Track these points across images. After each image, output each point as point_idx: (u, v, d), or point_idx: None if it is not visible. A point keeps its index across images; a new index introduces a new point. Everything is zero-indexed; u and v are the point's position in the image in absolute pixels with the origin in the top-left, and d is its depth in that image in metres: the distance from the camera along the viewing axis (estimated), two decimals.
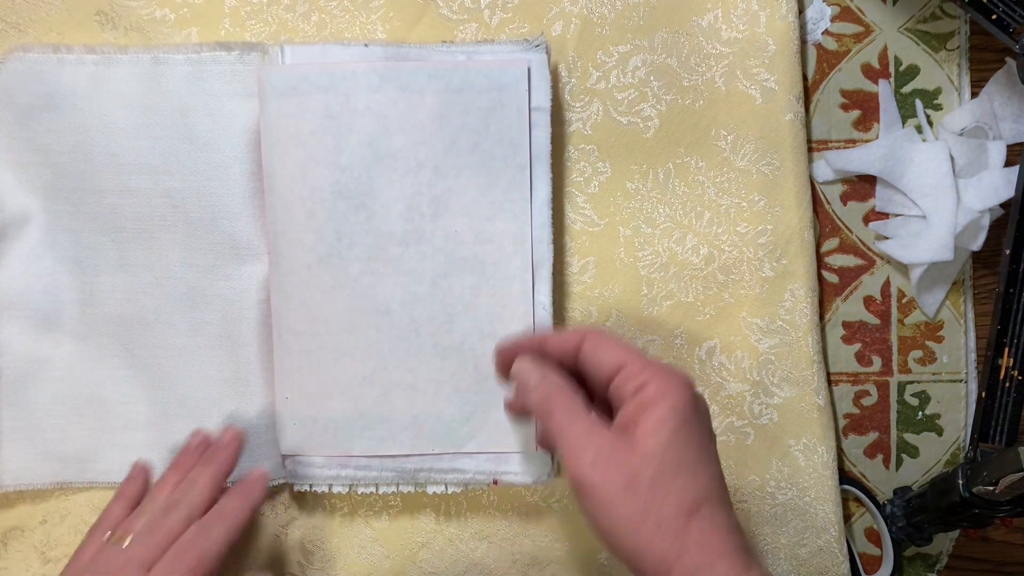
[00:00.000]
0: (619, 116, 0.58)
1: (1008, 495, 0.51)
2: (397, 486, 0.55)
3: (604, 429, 0.42)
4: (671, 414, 0.41)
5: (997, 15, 0.53)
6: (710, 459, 0.42)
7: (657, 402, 0.41)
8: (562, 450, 0.42)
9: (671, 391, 0.42)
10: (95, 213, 0.56)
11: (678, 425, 0.41)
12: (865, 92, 0.60)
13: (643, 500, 0.40)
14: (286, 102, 0.54)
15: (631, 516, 0.39)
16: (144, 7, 0.57)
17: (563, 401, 0.43)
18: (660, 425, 0.41)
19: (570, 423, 0.42)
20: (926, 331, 0.60)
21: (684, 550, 0.39)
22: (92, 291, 0.56)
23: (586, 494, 0.40)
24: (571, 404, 0.43)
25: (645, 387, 0.42)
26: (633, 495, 0.40)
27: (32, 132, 0.55)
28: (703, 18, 0.58)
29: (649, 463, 0.40)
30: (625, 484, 0.40)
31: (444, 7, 0.57)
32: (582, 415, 0.43)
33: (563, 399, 0.44)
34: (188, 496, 0.48)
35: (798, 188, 0.58)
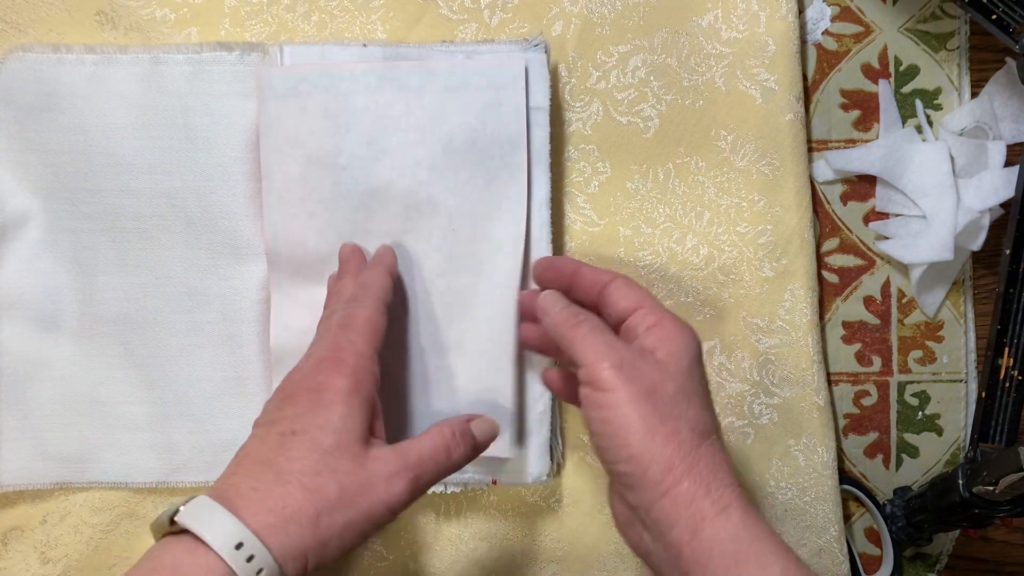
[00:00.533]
0: (619, 116, 0.58)
1: (1008, 495, 0.51)
2: None
3: (630, 346, 0.43)
4: (688, 345, 0.43)
5: (997, 15, 0.53)
6: (711, 402, 0.44)
7: (674, 336, 0.43)
8: (583, 354, 0.42)
9: (684, 329, 0.44)
10: (95, 213, 0.56)
11: (693, 360, 0.43)
12: (865, 92, 0.60)
13: (662, 409, 0.41)
14: (286, 102, 0.54)
15: (648, 419, 0.40)
16: (144, 7, 0.57)
17: (590, 321, 0.44)
18: (681, 352, 0.43)
19: (596, 334, 0.43)
20: (926, 331, 0.60)
21: (695, 465, 0.40)
22: (92, 291, 0.56)
23: (603, 392, 0.41)
24: (598, 324, 0.44)
25: (661, 323, 0.44)
26: (653, 402, 0.41)
27: (32, 132, 0.55)
28: (703, 18, 0.58)
29: (671, 380, 0.42)
30: (646, 391, 0.41)
31: (444, 7, 0.57)
32: (607, 332, 0.44)
33: (589, 317, 0.45)
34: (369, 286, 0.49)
35: (798, 188, 0.58)
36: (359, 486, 0.41)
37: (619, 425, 0.40)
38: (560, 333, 0.45)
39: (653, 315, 0.44)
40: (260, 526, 0.39)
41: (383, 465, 0.42)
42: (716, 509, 0.39)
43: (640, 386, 0.41)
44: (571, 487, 0.57)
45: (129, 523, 0.56)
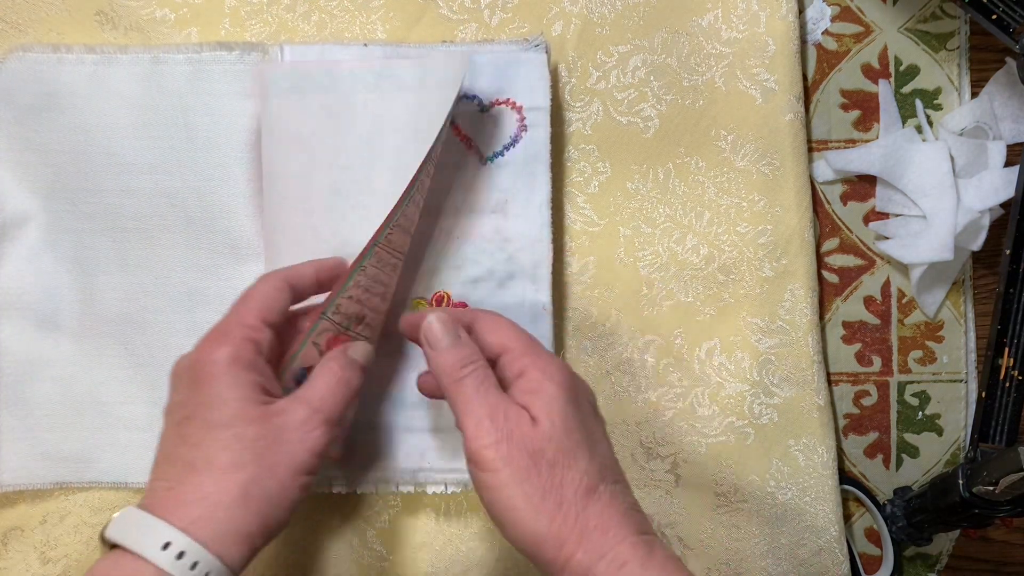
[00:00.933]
0: (619, 116, 0.58)
1: (1008, 495, 0.51)
2: (397, 486, 0.55)
3: (512, 406, 0.41)
4: (557, 394, 0.41)
5: (997, 15, 0.53)
6: (601, 438, 0.43)
7: (542, 387, 0.42)
8: (464, 421, 0.41)
9: (551, 373, 0.42)
10: (95, 213, 0.56)
11: (566, 406, 0.41)
12: (865, 92, 0.60)
13: (543, 481, 0.40)
14: (287, 100, 0.54)
15: (531, 498, 0.39)
16: (144, 7, 0.57)
17: (477, 371, 0.42)
18: (550, 406, 0.41)
19: (478, 398, 0.41)
20: (926, 331, 0.60)
21: (584, 533, 0.39)
22: (92, 291, 0.56)
23: (486, 472, 0.40)
24: (484, 375, 0.42)
25: (526, 372, 0.42)
26: (535, 477, 0.40)
27: (32, 132, 0.55)
28: (703, 18, 0.58)
29: (548, 443, 0.40)
30: (526, 466, 0.40)
31: (444, 7, 0.57)
32: (492, 391, 0.42)
33: (477, 369, 0.43)
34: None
35: (798, 188, 0.58)
36: (273, 444, 0.41)
37: (504, 506, 0.40)
38: (443, 384, 0.43)
39: (517, 361, 0.43)
40: (186, 522, 0.39)
41: (289, 416, 0.42)
42: (612, 571, 0.39)
43: (520, 462, 0.40)
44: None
45: None
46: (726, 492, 0.57)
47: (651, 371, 0.57)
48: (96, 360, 0.56)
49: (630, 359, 0.58)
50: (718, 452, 0.57)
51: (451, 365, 0.43)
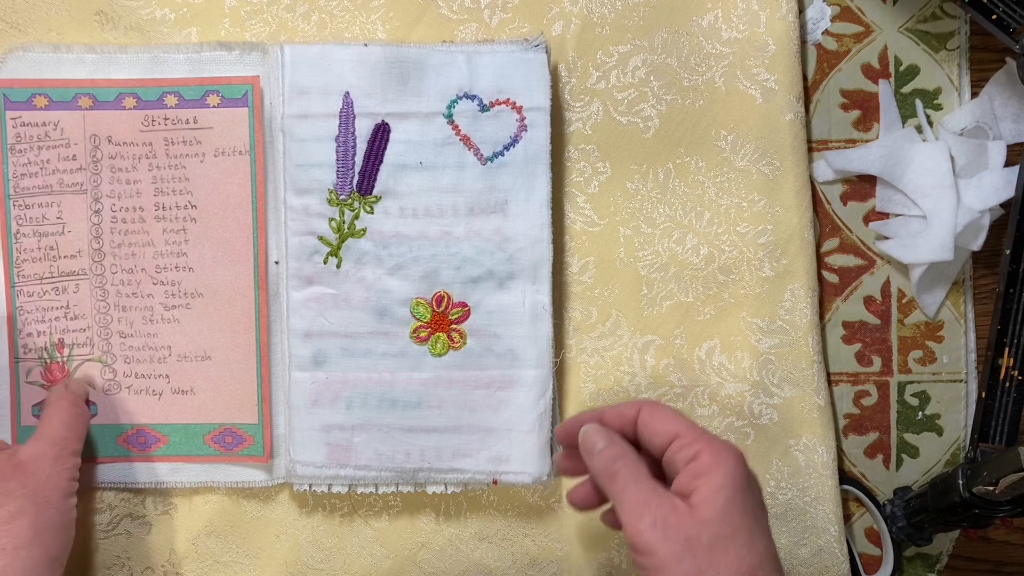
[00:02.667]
0: (619, 116, 0.58)
1: (1008, 495, 0.51)
2: (397, 486, 0.55)
3: (664, 493, 0.42)
4: (726, 482, 0.42)
5: (997, 15, 0.53)
6: (763, 530, 0.43)
7: (712, 470, 0.42)
8: (622, 511, 0.42)
9: (724, 459, 0.43)
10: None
11: (733, 493, 0.42)
12: (865, 92, 0.60)
13: (699, 563, 0.40)
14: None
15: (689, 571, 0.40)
16: (144, 7, 0.57)
17: (628, 464, 0.44)
18: (717, 492, 0.42)
19: (633, 485, 0.43)
20: (926, 331, 0.60)
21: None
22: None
23: (644, 555, 0.41)
24: (635, 467, 0.44)
25: (699, 455, 0.43)
26: (690, 558, 0.40)
27: None
28: (703, 18, 0.58)
29: (706, 528, 0.41)
30: (683, 548, 0.40)
31: (444, 7, 0.57)
32: (644, 479, 0.43)
33: (627, 462, 0.44)
34: None
35: (798, 188, 0.58)
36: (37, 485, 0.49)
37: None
38: (602, 482, 0.45)
39: (692, 446, 0.44)
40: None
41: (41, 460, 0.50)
42: None
43: (678, 542, 0.40)
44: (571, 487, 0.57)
45: (129, 523, 0.56)
46: None
47: (651, 371, 0.57)
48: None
49: (630, 359, 0.58)
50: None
51: (605, 462, 0.45)
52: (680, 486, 0.43)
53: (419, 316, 0.55)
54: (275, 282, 0.55)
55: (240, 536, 0.57)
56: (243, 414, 0.56)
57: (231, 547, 0.57)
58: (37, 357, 0.55)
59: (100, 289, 0.55)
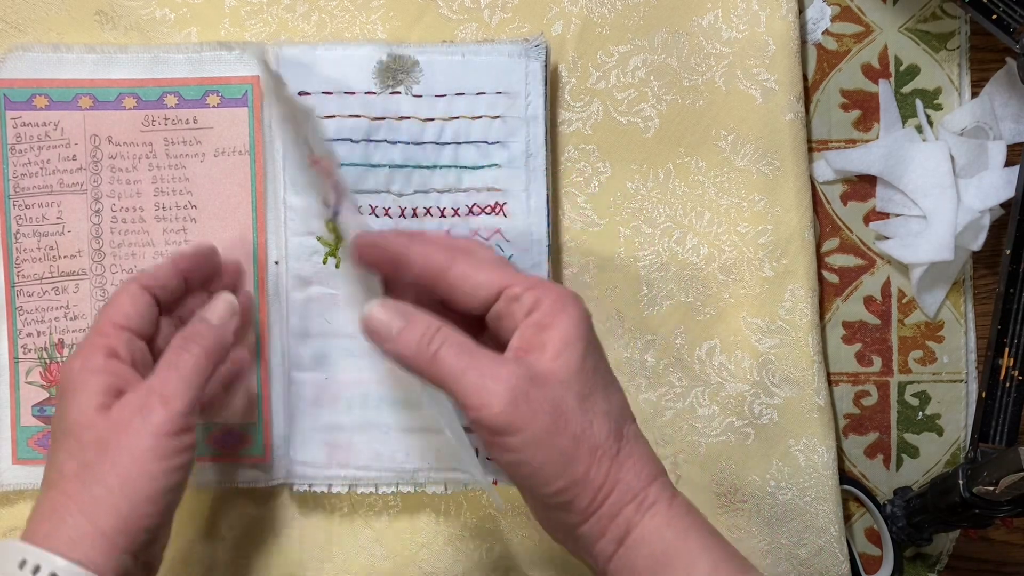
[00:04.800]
0: (619, 116, 0.58)
1: (1008, 495, 0.51)
2: (397, 486, 0.55)
3: (509, 360, 0.37)
4: (577, 331, 0.37)
5: (997, 15, 0.53)
6: (613, 377, 0.39)
7: (559, 320, 0.37)
8: (463, 392, 0.36)
9: (568, 305, 0.38)
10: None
11: (587, 344, 0.38)
12: (865, 92, 0.60)
13: (573, 428, 0.36)
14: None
15: (564, 449, 0.36)
16: (144, 7, 0.57)
17: (448, 337, 0.37)
18: (570, 345, 0.37)
19: (467, 359, 0.37)
20: (926, 331, 0.60)
21: (618, 476, 0.37)
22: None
23: (506, 434, 0.36)
24: (458, 338, 0.37)
25: (539, 304, 0.38)
26: (563, 426, 0.36)
27: None
28: (703, 18, 0.58)
29: (570, 389, 0.37)
30: (552, 419, 0.36)
31: (444, 7, 0.57)
32: (475, 348, 0.37)
33: (446, 334, 0.37)
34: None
35: (798, 188, 0.58)
36: (113, 440, 0.40)
37: (535, 466, 0.36)
38: (419, 369, 0.38)
39: (528, 296, 0.38)
40: (39, 536, 0.38)
41: (129, 407, 0.41)
42: (641, 512, 0.37)
43: (544, 416, 0.36)
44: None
45: None
46: (726, 492, 0.57)
47: (651, 371, 0.57)
48: None
49: (630, 359, 0.58)
50: (718, 452, 0.57)
51: (414, 345, 0.38)
52: (523, 342, 0.37)
53: None
54: (275, 282, 0.55)
55: (240, 536, 0.57)
56: (243, 414, 0.56)
57: (231, 547, 0.57)
58: (37, 357, 0.55)
59: (100, 289, 0.55)
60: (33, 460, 0.55)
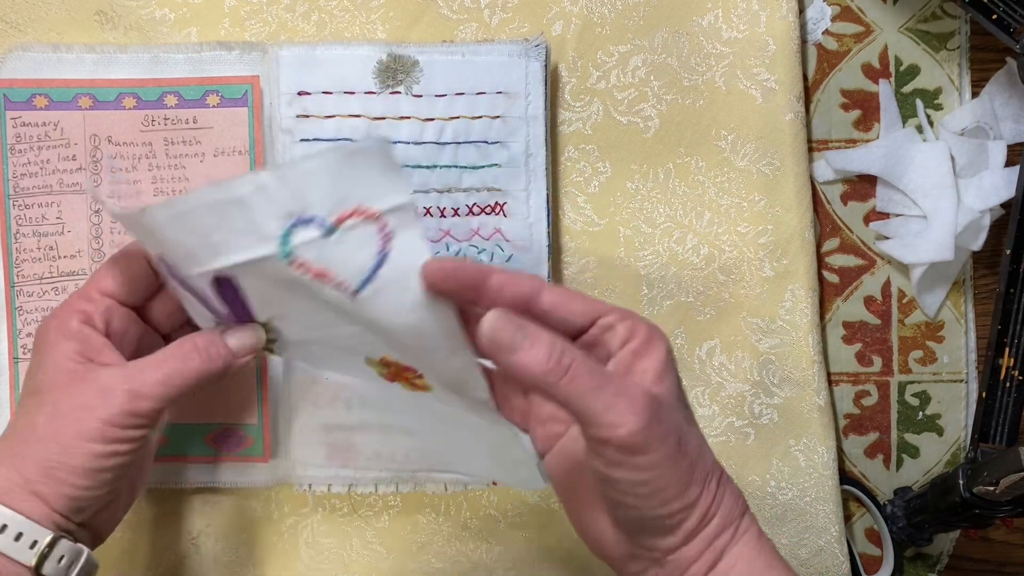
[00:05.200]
0: (619, 116, 0.58)
1: (1008, 495, 0.51)
2: (396, 486, 0.55)
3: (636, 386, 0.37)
4: (668, 361, 0.38)
5: (998, 15, 0.53)
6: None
7: (651, 350, 0.38)
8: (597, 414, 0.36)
9: (658, 338, 0.38)
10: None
11: (675, 372, 0.39)
12: (865, 92, 0.60)
13: (690, 452, 0.37)
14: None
15: (684, 471, 0.37)
16: (144, 7, 0.57)
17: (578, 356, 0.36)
18: (665, 372, 0.38)
19: (599, 381, 0.36)
20: (927, 331, 0.60)
21: (721, 502, 0.39)
22: None
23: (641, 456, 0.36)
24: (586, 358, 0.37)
25: (634, 335, 0.38)
26: (684, 449, 0.37)
27: None
28: (703, 18, 0.58)
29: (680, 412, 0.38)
30: (676, 439, 0.37)
31: (444, 7, 0.57)
32: (603, 369, 0.37)
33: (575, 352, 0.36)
34: None
35: (798, 188, 0.58)
36: (61, 408, 0.41)
37: (657, 486, 0.37)
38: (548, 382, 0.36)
39: (622, 325, 0.38)
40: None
41: (94, 383, 0.41)
42: (735, 540, 0.39)
43: (672, 438, 0.36)
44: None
45: (128, 524, 0.56)
46: None
47: None
48: None
49: None
50: (718, 452, 0.56)
51: (544, 359, 0.36)
52: (621, 369, 0.38)
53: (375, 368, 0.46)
54: None
55: (240, 536, 0.57)
56: (243, 414, 0.56)
57: (231, 547, 0.57)
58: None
59: None
60: None
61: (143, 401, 0.41)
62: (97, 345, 0.43)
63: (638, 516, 0.38)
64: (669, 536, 0.38)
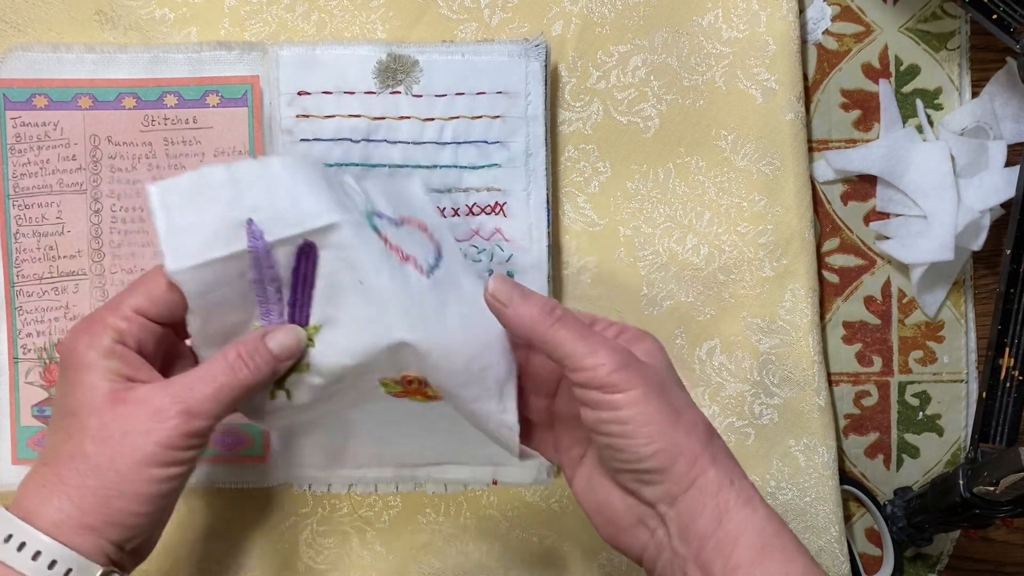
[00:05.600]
0: (619, 116, 0.58)
1: (1008, 495, 0.51)
2: (396, 486, 0.55)
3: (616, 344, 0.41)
4: (660, 350, 0.42)
5: (998, 15, 0.53)
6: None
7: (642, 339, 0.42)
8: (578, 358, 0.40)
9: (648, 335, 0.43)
10: None
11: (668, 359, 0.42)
12: (865, 92, 0.60)
13: (673, 401, 0.40)
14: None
15: (667, 413, 0.39)
16: (143, 6, 0.57)
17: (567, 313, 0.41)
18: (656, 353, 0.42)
19: (582, 333, 0.40)
20: (927, 331, 0.60)
21: (716, 455, 0.39)
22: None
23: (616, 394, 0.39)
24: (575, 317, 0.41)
25: (626, 330, 0.43)
26: (665, 397, 0.39)
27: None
28: (703, 18, 0.58)
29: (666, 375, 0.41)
30: (657, 387, 0.40)
31: (444, 7, 0.57)
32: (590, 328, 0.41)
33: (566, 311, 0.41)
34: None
35: (798, 188, 0.58)
36: (116, 434, 0.39)
37: (641, 422, 0.39)
38: (538, 333, 0.41)
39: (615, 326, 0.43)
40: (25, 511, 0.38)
41: (143, 405, 0.39)
42: (741, 500, 0.39)
43: (651, 383, 0.39)
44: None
45: None
46: None
47: None
48: None
49: None
50: None
51: (538, 312, 0.41)
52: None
53: (389, 387, 0.46)
54: None
55: (240, 536, 0.57)
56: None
57: (231, 547, 0.57)
58: (37, 357, 0.55)
59: (100, 289, 0.55)
60: (33, 460, 0.55)
61: (197, 420, 0.40)
62: (135, 363, 0.41)
63: (627, 459, 0.40)
64: (661, 480, 0.39)
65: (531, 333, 0.41)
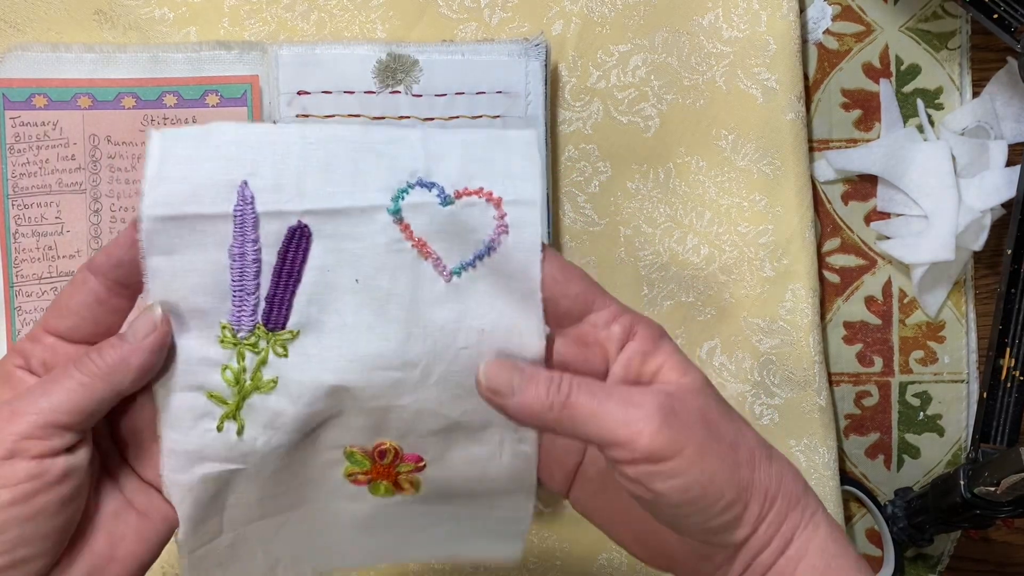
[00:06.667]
0: (619, 115, 0.58)
1: (1009, 496, 0.51)
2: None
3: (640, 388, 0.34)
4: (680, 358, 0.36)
5: (998, 14, 0.52)
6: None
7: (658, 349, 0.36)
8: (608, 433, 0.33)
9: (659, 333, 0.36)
10: None
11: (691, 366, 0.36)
12: (866, 91, 0.60)
13: (727, 435, 0.34)
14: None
15: (726, 456, 0.34)
16: (143, 6, 0.57)
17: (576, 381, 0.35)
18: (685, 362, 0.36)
19: (602, 399, 0.34)
20: (927, 331, 0.60)
21: (782, 477, 0.35)
22: None
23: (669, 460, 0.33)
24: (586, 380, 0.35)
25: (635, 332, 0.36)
26: (717, 434, 0.34)
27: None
28: (704, 17, 0.58)
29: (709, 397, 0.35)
30: (704, 427, 0.34)
31: (444, 6, 0.57)
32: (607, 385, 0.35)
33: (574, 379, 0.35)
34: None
35: (799, 188, 0.58)
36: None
37: (704, 481, 0.33)
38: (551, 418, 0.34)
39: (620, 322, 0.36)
40: None
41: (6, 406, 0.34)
42: (804, 520, 0.35)
43: (698, 428, 0.34)
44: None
45: None
46: None
47: None
48: None
49: None
50: None
51: (544, 394, 0.34)
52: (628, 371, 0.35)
53: (355, 462, 0.40)
54: None
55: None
56: None
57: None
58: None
59: None
60: None
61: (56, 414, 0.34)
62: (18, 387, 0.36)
63: (700, 520, 0.34)
64: (738, 528, 0.35)
65: (544, 422, 0.35)
